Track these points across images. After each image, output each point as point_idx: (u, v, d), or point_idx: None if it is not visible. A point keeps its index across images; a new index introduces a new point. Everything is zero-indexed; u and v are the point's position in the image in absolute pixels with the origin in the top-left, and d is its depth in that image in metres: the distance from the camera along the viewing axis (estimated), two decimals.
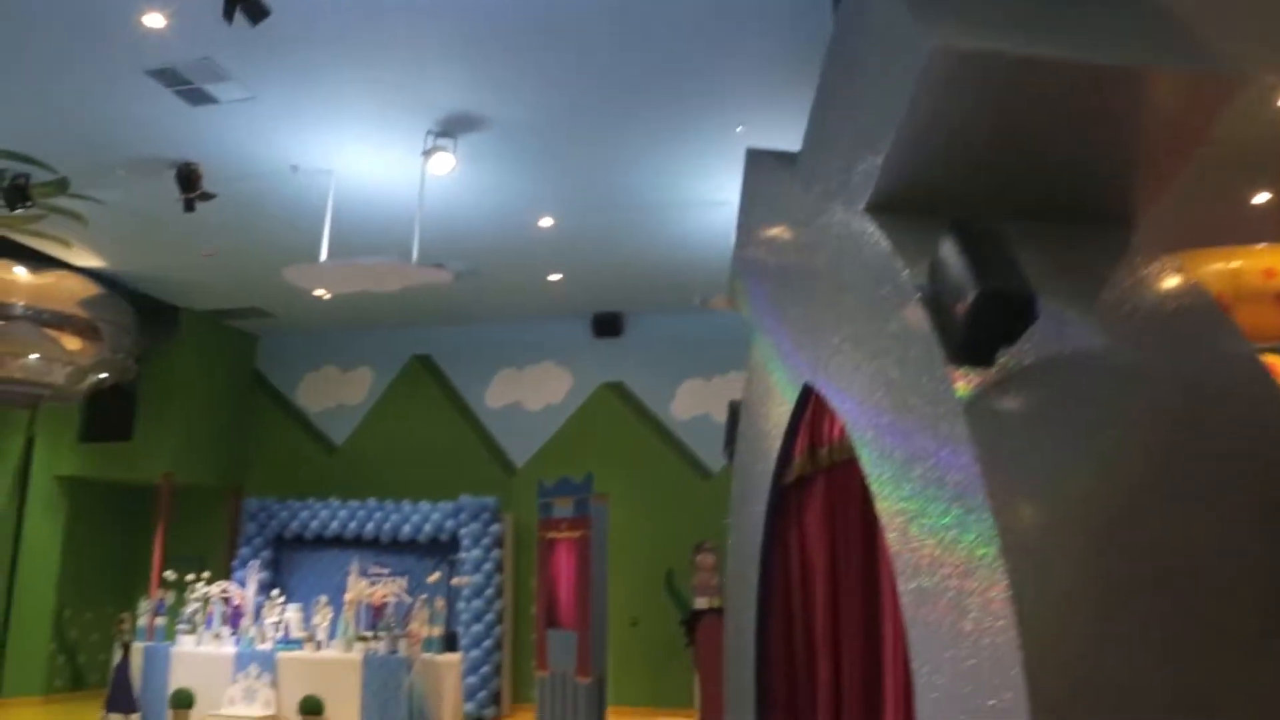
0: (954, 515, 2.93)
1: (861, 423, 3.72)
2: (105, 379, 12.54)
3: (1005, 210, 3.67)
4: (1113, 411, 3.11)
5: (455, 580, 10.96)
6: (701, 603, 11.88)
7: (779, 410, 5.65)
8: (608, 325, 13.30)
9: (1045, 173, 3.79)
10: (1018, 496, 2.82)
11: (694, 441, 12.86)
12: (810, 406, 5.05)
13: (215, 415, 13.68)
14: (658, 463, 12.86)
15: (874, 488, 3.52)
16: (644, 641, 12.35)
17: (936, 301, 3.31)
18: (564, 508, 11.14)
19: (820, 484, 4.96)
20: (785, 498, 5.73)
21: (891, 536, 3.34)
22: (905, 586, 3.20)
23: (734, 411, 7.05)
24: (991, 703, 2.66)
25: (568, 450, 13.01)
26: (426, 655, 9.87)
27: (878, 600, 4.02)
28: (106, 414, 13.41)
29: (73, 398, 12.49)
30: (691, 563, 12.29)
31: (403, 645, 9.86)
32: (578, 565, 10.83)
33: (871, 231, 3.74)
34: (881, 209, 3.81)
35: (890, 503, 3.38)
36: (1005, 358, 3.16)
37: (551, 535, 11.30)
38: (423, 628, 9.91)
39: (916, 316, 3.31)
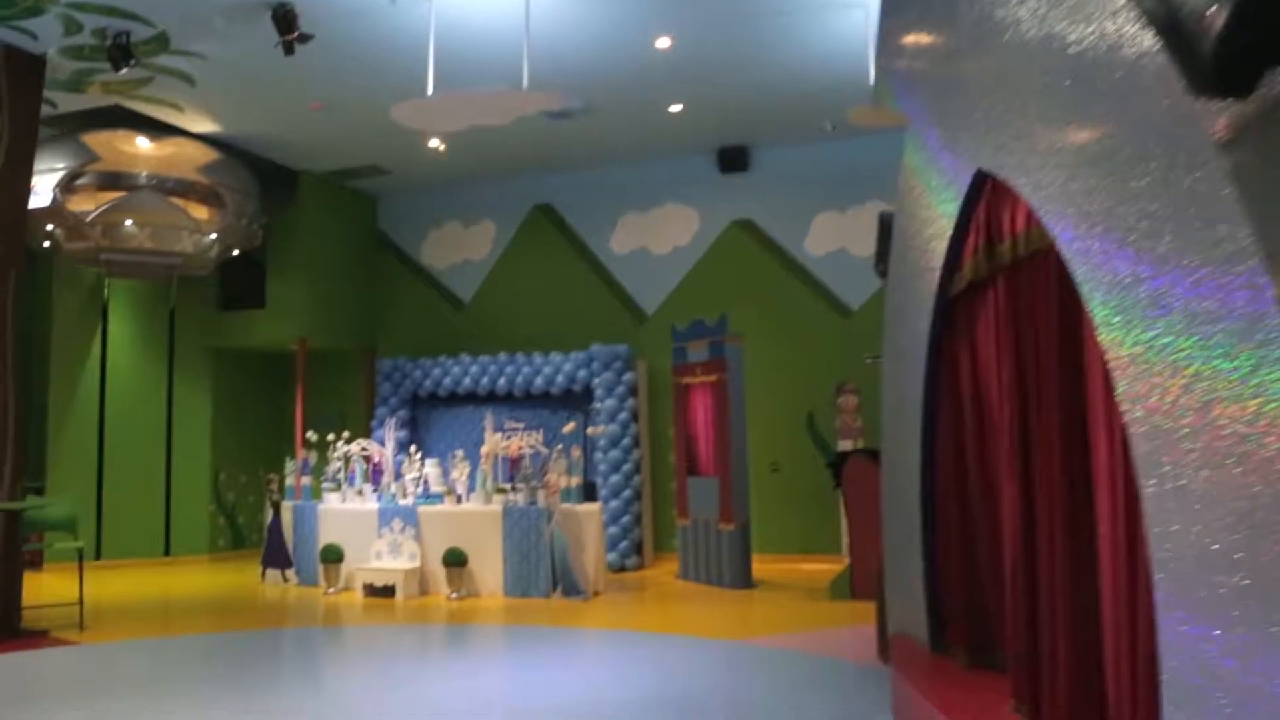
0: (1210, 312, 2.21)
1: (1062, 209, 2.99)
2: (233, 247, 12.54)
3: None
4: None
5: (591, 430, 10.69)
6: (845, 445, 11.37)
7: (939, 217, 4.93)
8: (734, 159, 12.47)
9: None
10: None
11: (830, 278, 12.10)
12: (983, 200, 4.31)
13: (343, 279, 13.61)
14: (793, 302, 12.19)
15: (1084, 285, 2.82)
16: (786, 487, 11.94)
17: (1170, 18, 2.51)
18: (698, 351, 10.65)
19: (1000, 287, 4.25)
20: (953, 310, 5.04)
21: (1109, 338, 2.65)
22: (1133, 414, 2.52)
23: (885, 225, 6.31)
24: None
25: (698, 294, 12.45)
26: (566, 505, 9.68)
27: (1082, 412, 3.35)
28: (240, 283, 13.50)
29: (204, 268, 12.55)
30: (833, 405, 11.73)
31: (541, 496, 9.69)
32: (715, 410, 10.40)
33: None
34: None
35: (1106, 309, 2.69)
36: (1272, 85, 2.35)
37: (687, 381, 10.86)
38: (560, 478, 9.70)
39: (1142, 47, 2.52)
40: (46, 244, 11.94)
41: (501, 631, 8.12)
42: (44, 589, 10.45)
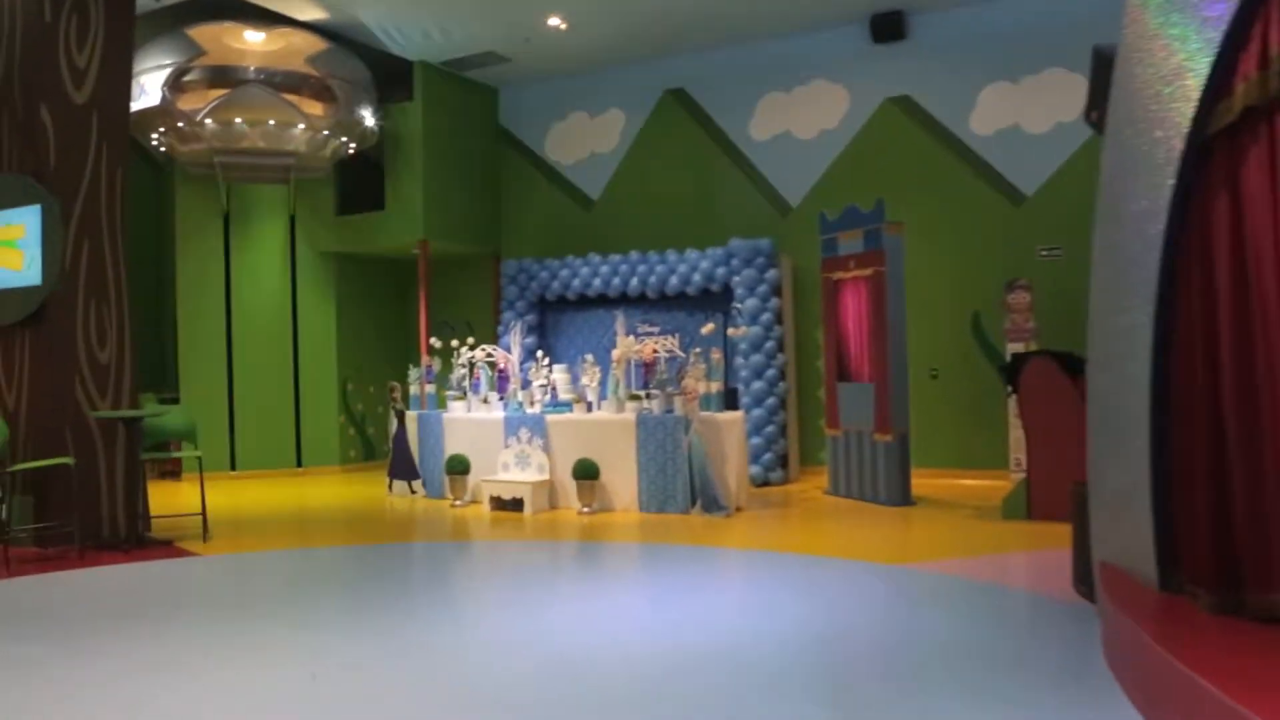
0: None
1: None
2: (348, 146, 11.90)
3: None
4: None
5: (732, 331, 9.69)
6: (1015, 348, 10.08)
7: (1191, 36, 3.78)
8: (888, 27, 11.02)
9: None
10: None
11: (1001, 159, 10.65)
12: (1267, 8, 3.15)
13: (464, 178, 12.86)
14: (956, 189, 10.81)
15: None
16: (945, 395, 10.74)
17: None
18: (851, 243, 9.48)
19: None
20: (1211, 154, 3.85)
21: None
22: None
23: (1103, 60, 5.03)
24: None
25: (848, 182, 11.19)
26: (705, 414, 8.78)
27: None
28: (358, 186, 12.91)
29: (320, 168, 11.98)
30: (1001, 303, 10.40)
31: (678, 404, 8.82)
32: (870, 308, 9.26)
33: None
34: None
35: None
36: None
37: (838, 276, 9.73)
38: (699, 384, 8.78)
39: None
40: (162, 149, 11.54)
41: (637, 550, 7.34)
42: (181, 499, 10.25)
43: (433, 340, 10.88)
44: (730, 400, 9.17)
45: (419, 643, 4.73)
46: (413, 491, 10.25)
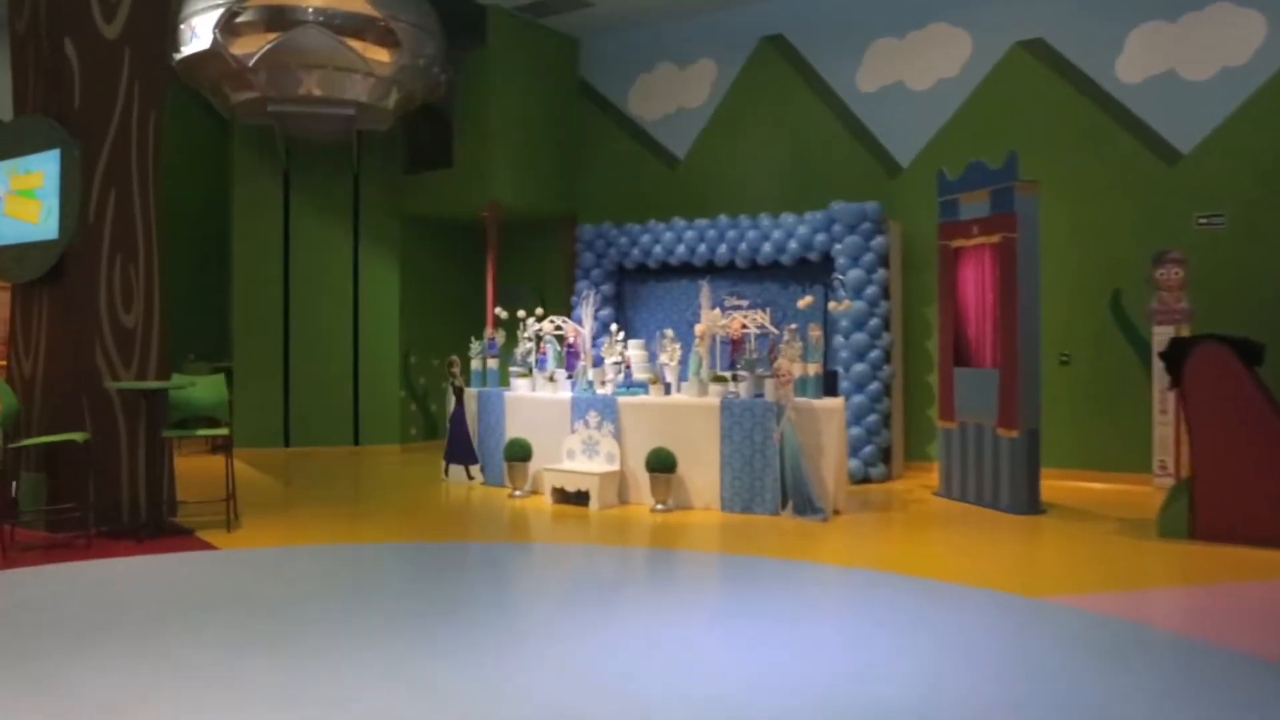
0: None
1: None
2: (414, 97, 10.93)
3: None
4: None
5: (833, 305, 8.42)
6: (1162, 332, 8.66)
7: None
8: None
9: None
10: None
11: (1153, 111, 9.14)
12: None
13: (539, 133, 11.79)
14: (1098, 145, 9.34)
15: None
16: (1077, 383, 9.33)
17: None
18: (975, 204, 8.16)
19: None
20: None
21: None
22: None
23: None
24: None
25: (968, 138, 9.80)
26: (801, 400, 7.59)
27: None
28: (425, 142, 11.97)
29: (384, 120, 11.03)
30: (1148, 279, 8.95)
31: (770, 387, 7.64)
32: (998, 280, 7.93)
33: None
34: None
35: None
36: None
37: (957, 243, 8.41)
38: (795, 365, 7.58)
39: None
40: (218, 100, 10.73)
41: (716, 563, 6.20)
42: (240, 476, 9.47)
43: (498, 310, 9.88)
44: (829, 385, 7.94)
45: (448, 686, 3.68)
46: (470, 478, 9.28)
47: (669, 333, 8.52)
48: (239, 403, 11.33)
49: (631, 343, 9.23)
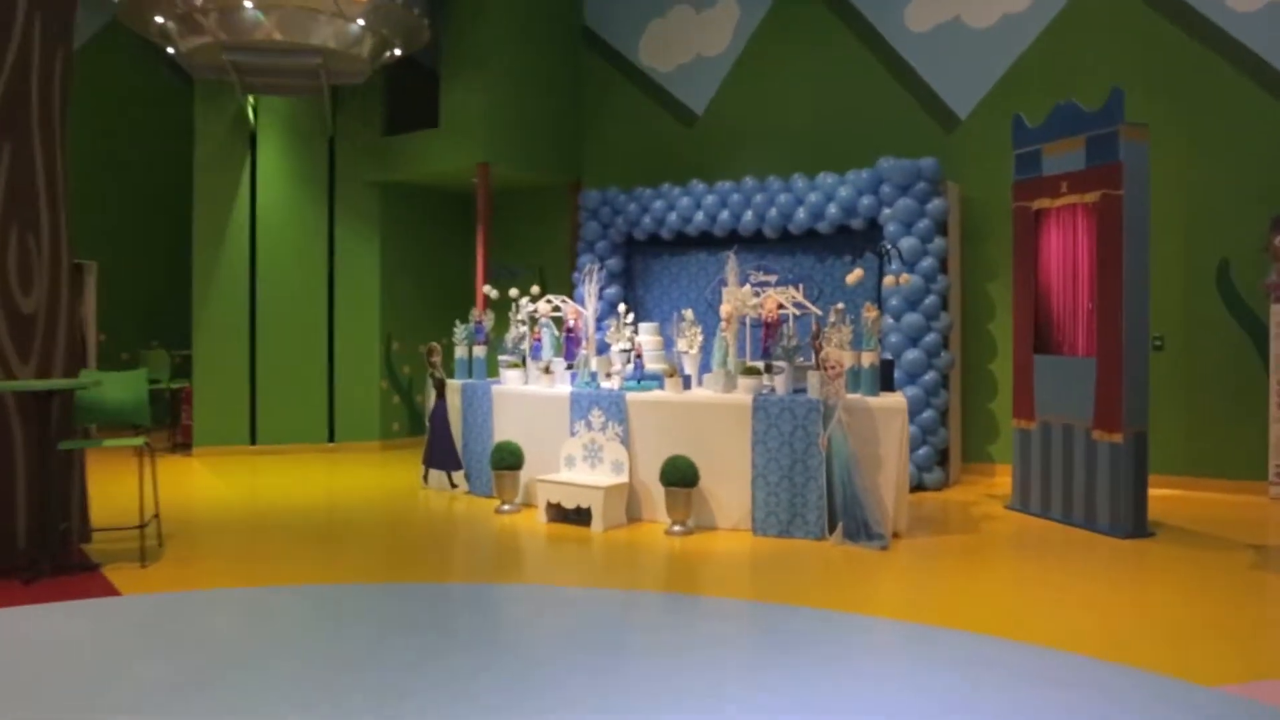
0: None
1: None
2: (392, 44, 9.46)
3: None
4: None
5: (889, 280, 6.92)
6: None
7: None
8: None
9: None
10: None
11: (1270, 45, 7.60)
12: None
13: (537, 89, 10.30)
14: (1201, 88, 7.79)
15: None
16: (1174, 372, 7.84)
17: None
18: (1064, 156, 6.66)
19: None
20: None
21: None
22: None
23: None
24: None
25: (1038, 84, 8.27)
26: (854, 397, 6.14)
27: None
28: (408, 99, 10.50)
29: (358, 72, 9.58)
30: (1265, 248, 7.45)
31: (814, 381, 6.21)
32: (1096, 247, 6.45)
33: None
34: None
35: None
36: None
37: (1039, 204, 6.91)
38: (845, 354, 6.12)
39: None
40: (170, 50, 9.30)
41: (744, 615, 4.75)
42: (178, 487, 8.12)
43: (487, 289, 8.46)
44: (885, 378, 6.48)
45: None
46: (453, 486, 7.88)
47: (688, 314, 7.06)
48: (199, 396, 9.95)
49: (643, 327, 7.80)
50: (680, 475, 6.26)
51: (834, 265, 8.63)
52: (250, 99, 10.07)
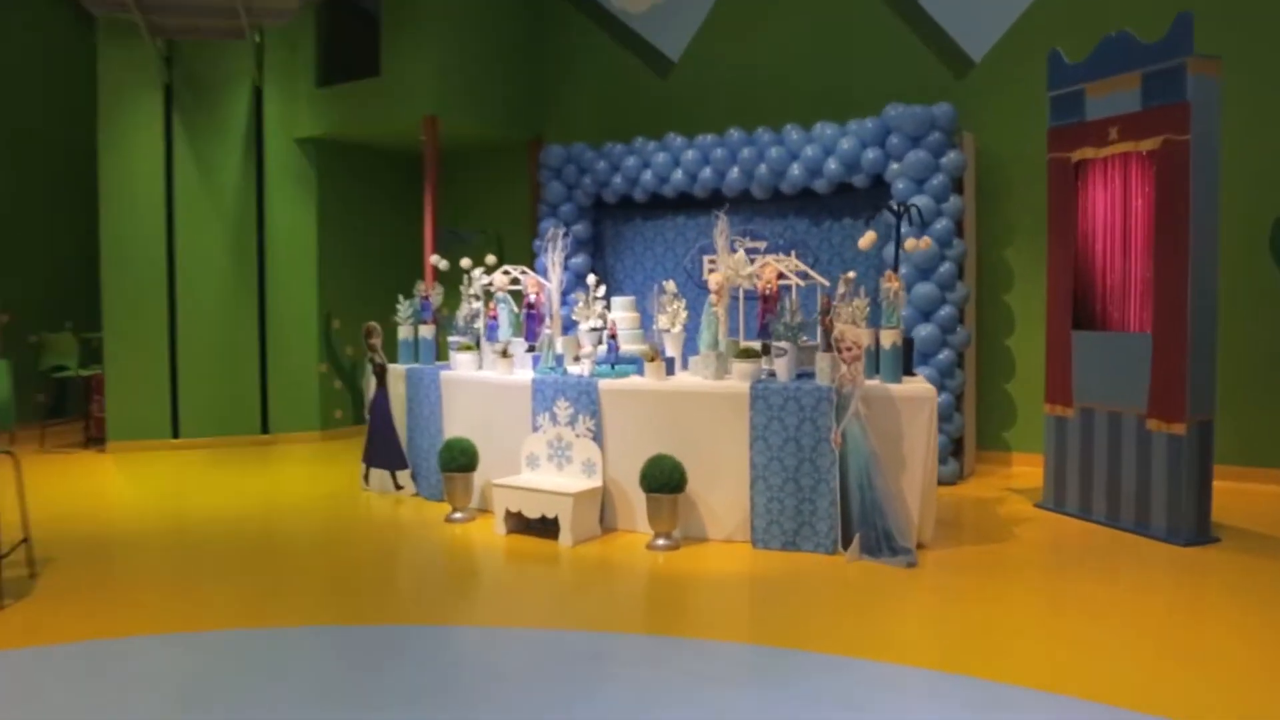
0: None
1: None
2: None
3: None
4: None
5: (910, 244, 5.85)
6: None
7: None
8: None
9: None
10: None
11: None
12: None
13: (492, 33, 9.12)
14: (1259, 20, 6.81)
15: None
16: (1228, 349, 6.84)
17: None
18: (1114, 97, 5.66)
19: None
20: None
21: None
22: None
23: None
24: None
25: (1065, 21, 7.24)
26: (873, 383, 5.13)
27: None
28: (344, 45, 9.28)
29: (284, 11, 8.36)
30: None
31: (824, 365, 5.19)
32: (1154, 204, 5.46)
33: None
34: None
35: None
36: None
37: (1081, 155, 5.91)
38: (860, 333, 5.08)
39: None
40: None
41: (743, 667, 3.72)
42: (92, 491, 6.98)
43: (434, 259, 7.35)
44: (906, 358, 5.45)
45: None
46: (398, 487, 6.79)
47: (669, 285, 6.00)
48: (112, 384, 8.76)
49: (617, 301, 6.73)
50: (664, 479, 5.21)
51: (832, 230, 7.60)
52: (160, 43, 8.80)
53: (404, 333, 7.01)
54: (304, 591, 4.74)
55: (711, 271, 7.65)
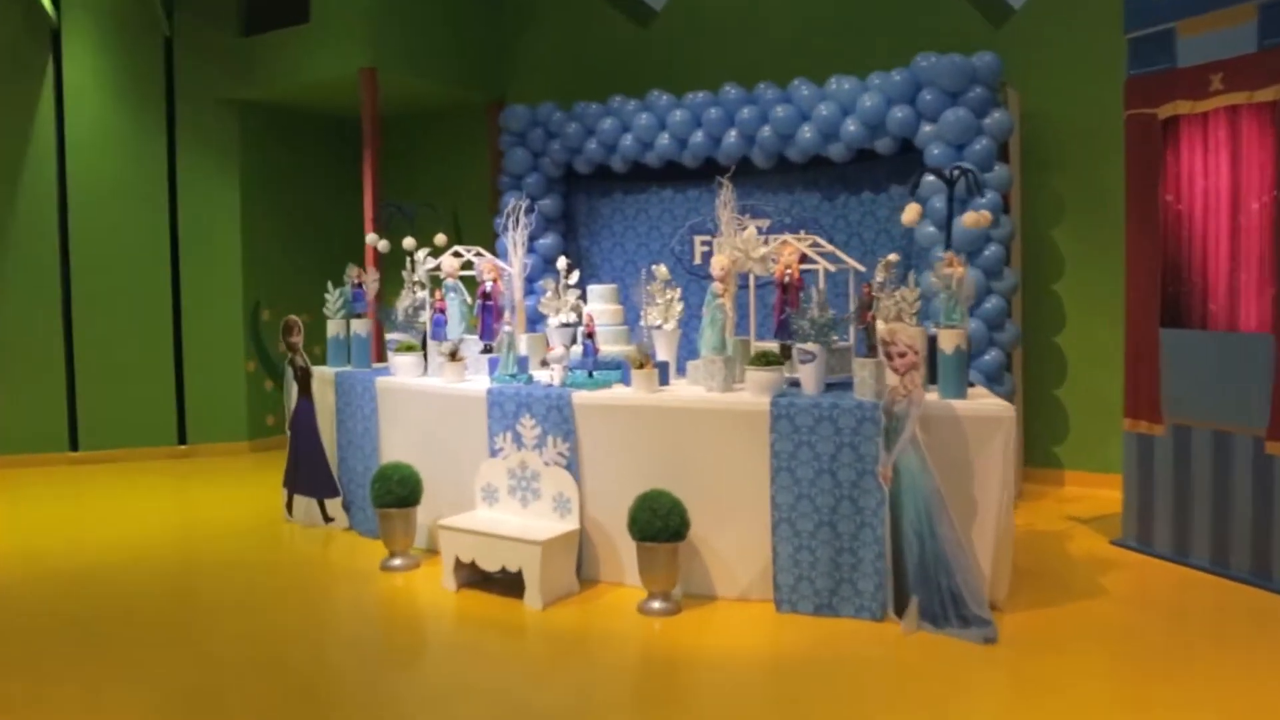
0: None
1: None
2: None
3: None
4: None
5: (968, 218, 4.61)
6: None
7: None
8: None
9: None
10: None
11: None
12: None
13: None
14: None
15: None
16: None
17: None
18: (1217, 35, 4.52)
19: None
20: None
21: None
22: None
23: None
24: None
25: None
26: (934, 400, 3.94)
27: None
28: None
29: None
30: None
31: (863, 374, 4.01)
32: (1274, 172, 4.30)
33: None
34: None
35: None
36: None
37: (1172, 110, 4.76)
38: (914, 332, 3.88)
39: None
40: None
41: None
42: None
43: (371, 238, 6.09)
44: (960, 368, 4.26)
45: None
46: (327, 519, 5.53)
47: (660, 271, 4.78)
48: (2, 389, 7.43)
49: (593, 290, 5.49)
50: (660, 523, 3.99)
51: (848, 205, 6.40)
52: None
53: (333, 328, 5.74)
54: (193, 678, 3.47)
55: (706, 253, 6.47)
